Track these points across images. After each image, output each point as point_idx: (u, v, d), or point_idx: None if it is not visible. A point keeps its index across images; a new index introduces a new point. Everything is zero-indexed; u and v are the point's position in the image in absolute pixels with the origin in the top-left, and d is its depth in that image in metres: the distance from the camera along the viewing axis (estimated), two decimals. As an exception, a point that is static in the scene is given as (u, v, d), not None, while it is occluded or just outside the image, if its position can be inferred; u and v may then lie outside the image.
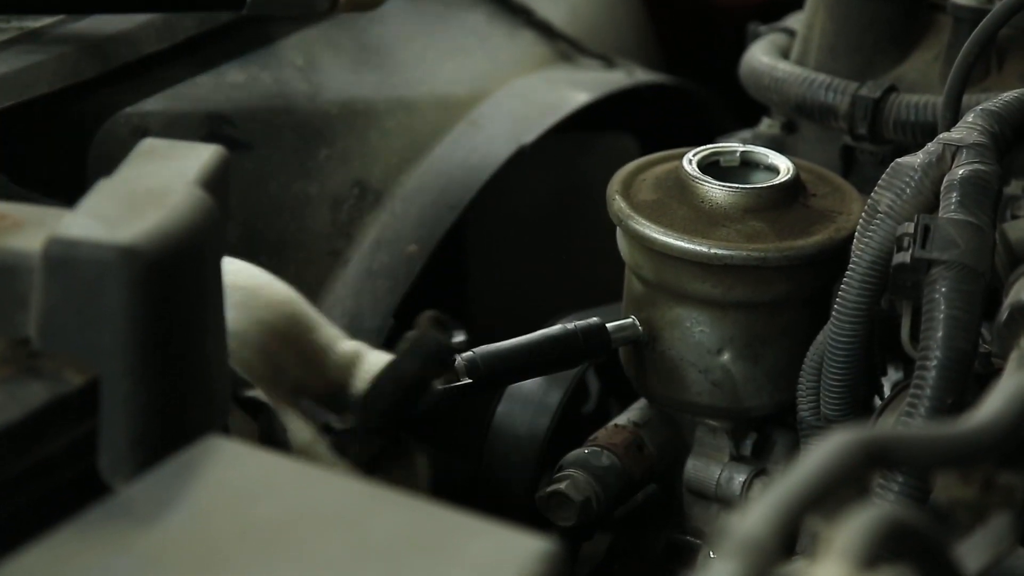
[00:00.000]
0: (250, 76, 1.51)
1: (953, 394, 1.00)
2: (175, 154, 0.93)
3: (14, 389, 0.82)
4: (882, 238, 1.11)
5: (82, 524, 0.77)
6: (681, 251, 1.22)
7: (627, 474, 1.28)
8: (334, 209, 1.51)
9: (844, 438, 0.73)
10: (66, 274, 0.83)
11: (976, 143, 1.10)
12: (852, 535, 0.69)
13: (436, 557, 0.75)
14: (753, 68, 1.50)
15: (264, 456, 0.84)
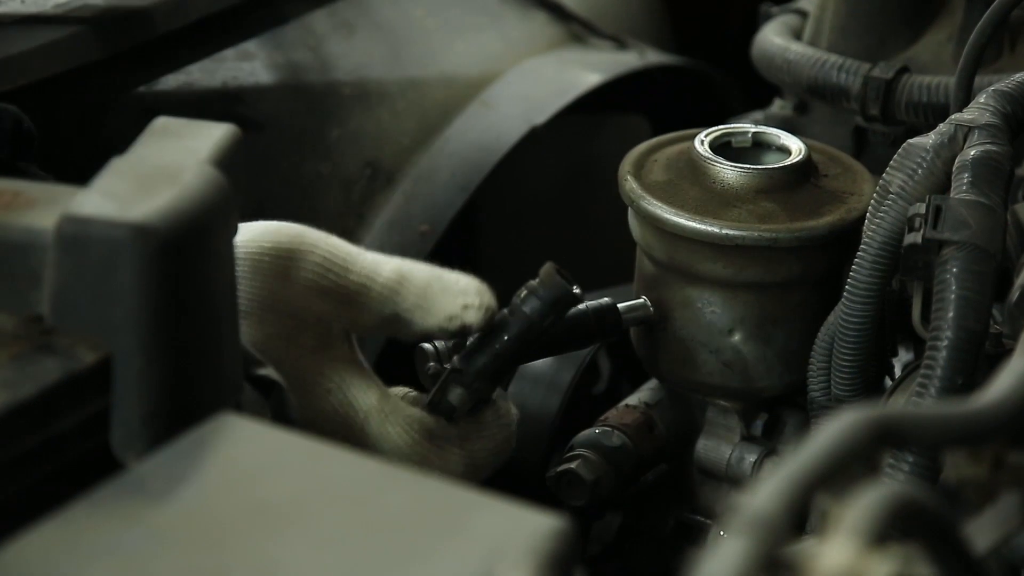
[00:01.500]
0: (263, 56, 1.51)
1: (964, 374, 1.00)
2: (188, 133, 0.93)
3: (27, 366, 0.83)
4: (893, 219, 1.11)
5: (94, 500, 0.77)
6: (692, 232, 1.22)
7: (638, 454, 1.28)
8: (346, 189, 1.52)
9: (854, 416, 0.73)
10: (79, 252, 0.83)
11: (988, 124, 1.10)
12: (861, 513, 0.69)
13: (446, 534, 0.75)
14: (765, 49, 1.50)
15: (275, 433, 0.84)
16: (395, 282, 1.05)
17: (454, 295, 1.05)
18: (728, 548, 0.67)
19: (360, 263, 1.05)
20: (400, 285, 1.05)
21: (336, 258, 1.05)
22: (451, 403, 1.10)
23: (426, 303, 1.05)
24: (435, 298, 1.05)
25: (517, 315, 1.12)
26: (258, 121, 1.47)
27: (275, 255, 1.04)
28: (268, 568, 0.74)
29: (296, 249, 1.04)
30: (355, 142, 1.53)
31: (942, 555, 0.73)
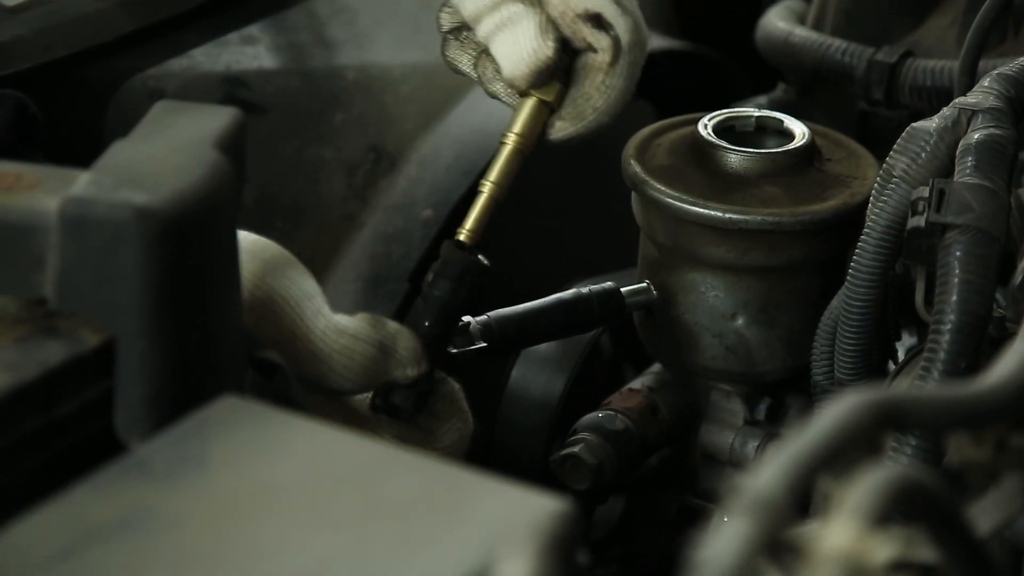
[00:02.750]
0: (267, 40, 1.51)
1: (967, 358, 1.00)
2: (191, 116, 0.93)
3: (31, 348, 0.83)
4: (897, 202, 1.11)
5: (97, 482, 0.77)
6: (696, 216, 1.22)
7: (641, 438, 1.28)
8: (349, 173, 1.51)
9: (857, 399, 0.73)
10: (82, 234, 0.83)
11: (992, 107, 1.10)
12: (863, 495, 0.69)
13: (449, 516, 0.76)
14: (769, 33, 1.50)
15: (278, 416, 0.84)
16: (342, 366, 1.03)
17: (394, 367, 1.05)
18: (730, 530, 0.67)
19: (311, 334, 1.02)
20: (346, 368, 1.03)
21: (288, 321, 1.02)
22: (395, 404, 1.09)
23: (366, 379, 1.04)
24: (376, 373, 1.04)
25: (430, 300, 1.12)
26: (261, 105, 1.47)
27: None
28: (271, 550, 0.74)
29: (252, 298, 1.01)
30: (359, 126, 1.53)
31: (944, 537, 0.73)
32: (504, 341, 1.21)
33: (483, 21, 1.12)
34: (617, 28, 1.11)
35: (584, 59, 1.13)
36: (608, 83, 1.13)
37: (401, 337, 1.05)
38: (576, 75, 1.14)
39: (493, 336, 1.20)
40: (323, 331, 1.02)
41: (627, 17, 1.12)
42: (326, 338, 1.02)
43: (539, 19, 1.10)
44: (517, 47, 1.11)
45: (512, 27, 1.11)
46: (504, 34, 1.11)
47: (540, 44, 1.10)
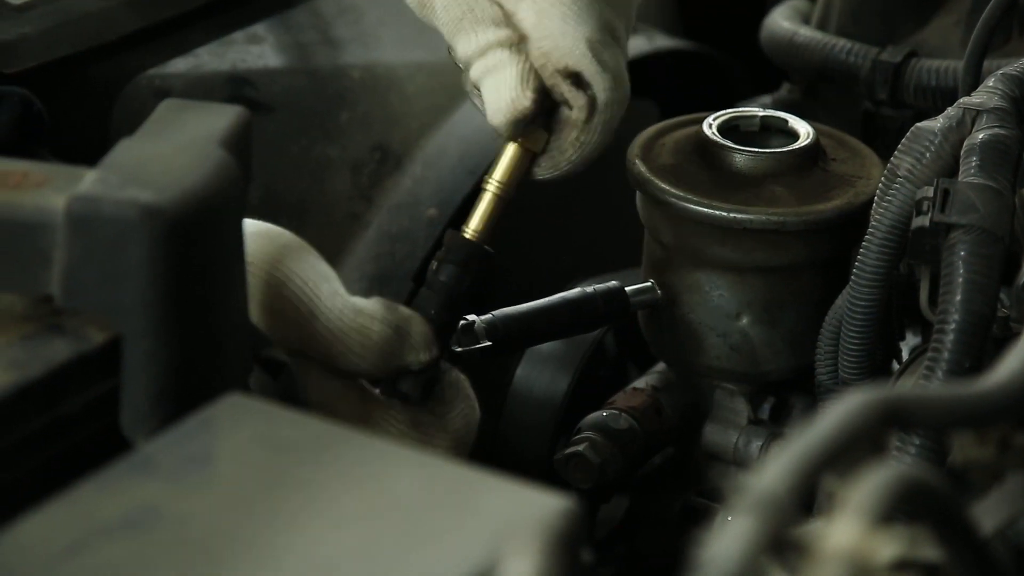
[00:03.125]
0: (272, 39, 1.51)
1: (971, 358, 1.00)
2: (197, 115, 0.93)
3: (37, 346, 0.83)
4: (901, 202, 1.11)
5: (103, 480, 0.77)
6: (700, 215, 1.22)
7: (645, 437, 1.29)
8: (355, 172, 1.52)
9: (861, 397, 0.73)
10: (88, 231, 0.83)
11: (996, 107, 1.10)
12: (867, 494, 0.69)
13: (454, 514, 0.76)
14: (773, 33, 1.50)
15: (284, 414, 0.84)
16: (358, 344, 1.03)
17: (407, 350, 1.05)
18: (734, 529, 0.67)
19: (325, 316, 1.02)
20: (363, 348, 1.03)
21: (303, 301, 1.02)
22: (403, 391, 1.09)
23: (381, 360, 1.04)
24: (390, 356, 1.04)
25: (436, 287, 1.12)
26: (267, 104, 1.48)
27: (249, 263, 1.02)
28: (276, 548, 0.74)
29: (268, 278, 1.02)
30: (364, 125, 1.53)
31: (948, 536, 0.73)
32: (508, 340, 1.21)
33: (473, 66, 1.12)
34: (595, 87, 1.11)
35: (561, 112, 1.13)
36: (582, 139, 1.14)
37: (414, 321, 1.05)
38: (555, 125, 1.14)
39: (498, 335, 1.20)
40: (340, 310, 1.02)
41: (606, 75, 1.12)
42: (344, 317, 1.02)
43: (521, 67, 1.10)
44: (498, 96, 1.11)
45: (495, 74, 1.11)
46: (488, 81, 1.12)
47: (519, 95, 1.10)
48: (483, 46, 1.11)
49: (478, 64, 1.12)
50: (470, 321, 1.19)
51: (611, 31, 1.13)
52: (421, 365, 1.05)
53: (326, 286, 1.02)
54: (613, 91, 1.12)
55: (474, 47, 1.11)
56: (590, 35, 1.11)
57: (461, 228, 1.15)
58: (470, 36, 1.11)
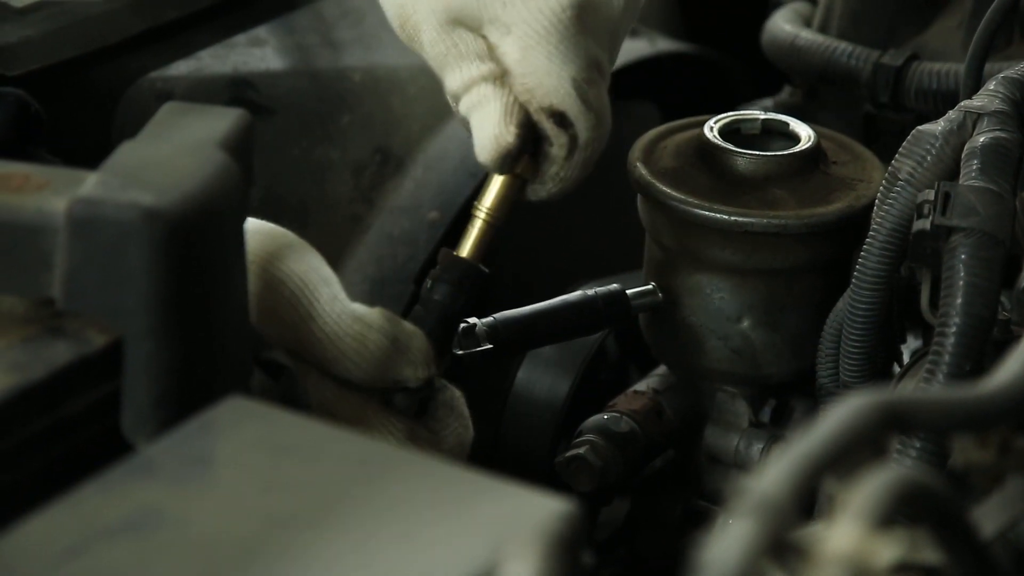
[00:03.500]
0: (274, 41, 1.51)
1: (971, 361, 1.00)
2: (198, 118, 0.93)
3: (38, 348, 0.83)
4: (902, 205, 1.11)
5: (104, 482, 0.77)
6: (701, 218, 1.22)
7: (646, 440, 1.29)
8: (356, 175, 1.52)
9: (862, 400, 0.73)
10: (89, 234, 0.83)
11: (997, 110, 1.10)
12: (868, 497, 0.69)
13: (455, 517, 0.76)
14: (775, 36, 1.50)
15: (284, 417, 0.84)
16: (354, 351, 1.03)
17: (404, 364, 1.04)
18: (735, 531, 0.67)
19: (322, 319, 1.02)
20: (359, 355, 1.03)
21: (302, 303, 1.02)
22: (397, 407, 1.08)
23: (376, 370, 1.04)
24: (388, 368, 1.04)
25: (430, 305, 1.12)
26: (268, 107, 1.48)
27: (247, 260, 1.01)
28: (277, 550, 0.74)
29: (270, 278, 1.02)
30: (365, 128, 1.53)
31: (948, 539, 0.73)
32: (510, 343, 1.21)
33: (461, 100, 1.13)
34: (578, 126, 1.12)
35: (543, 145, 1.13)
36: (562, 175, 1.14)
37: (416, 337, 1.05)
38: (538, 154, 1.14)
39: (499, 338, 1.20)
40: (339, 315, 1.02)
41: (590, 115, 1.12)
42: (341, 322, 1.02)
43: (505, 102, 1.10)
44: (483, 131, 1.11)
45: (481, 109, 1.11)
46: (475, 116, 1.12)
47: (502, 131, 1.10)
48: (468, 81, 1.11)
49: (465, 99, 1.12)
50: (471, 324, 1.19)
51: (597, 66, 1.13)
52: (419, 382, 1.05)
53: (326, 289, 1.02)
54: (595, 130, 1.13)
55: (460, 82, 1.12)
56: (575, 74, 1.11)
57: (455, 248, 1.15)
58: (456, 71, 1.11)
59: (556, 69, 1.10)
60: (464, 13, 1.10)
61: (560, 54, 1.10)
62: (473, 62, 1.10)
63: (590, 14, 1.11)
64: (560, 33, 1.09)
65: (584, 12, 1.11)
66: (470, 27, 1.10)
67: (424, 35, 1.12)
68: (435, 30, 1.11)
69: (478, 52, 1.10)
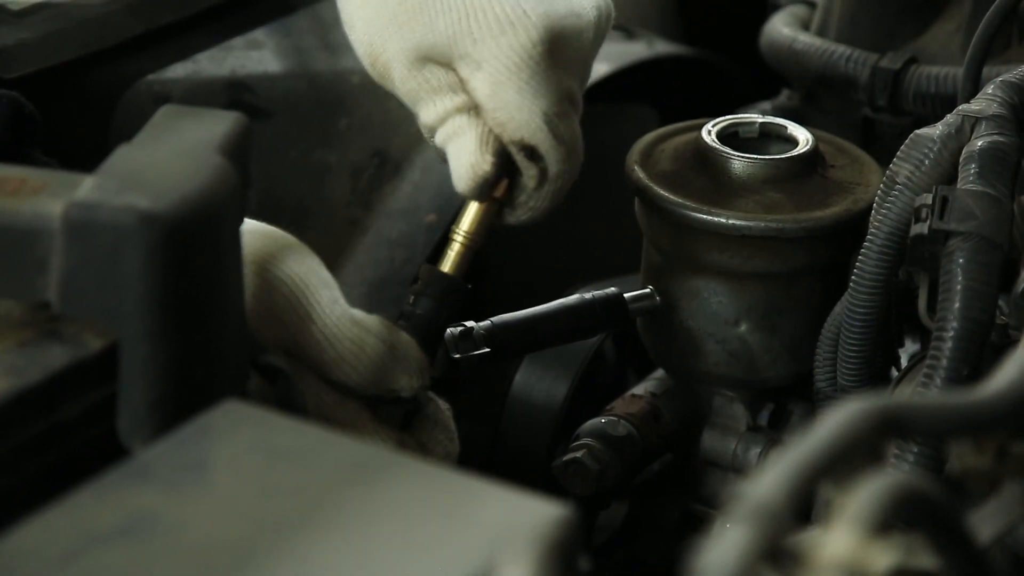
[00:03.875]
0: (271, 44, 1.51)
1: (969, 365, 1.00)
2: (196, 121, 0.93)
3: (34, 352, 0.83)
4: (900, 209, 1.11)
5: (100, 486, 0.77)
6: (699, 222, 1.22)
7: (644, 444, 1.28)
8: (354, 178, 1.52)
9: (859, 406, 0.73)
10: (86, 238, 0.83)
11: (996, 115, 1.10)
12: (864, 502, 0.69)
13: (451, 521, 0.76)
14: (773, 39, 1.50)
15: (281, 421, 0.84)
16: (352, 355, 1.03)
17: (401, 372, 1.04)
18: (731, 536, 0.67)
19: (321, 321, 1.02)
20: (356, 359, 1.03)
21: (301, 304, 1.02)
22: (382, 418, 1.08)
23: (372, 375, 1.04)
24: (384, 375, 1.04)
25: (413, 320, 1.12)
26: (266, 109, 1.48)
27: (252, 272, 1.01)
28: (273, 555, 0.74)
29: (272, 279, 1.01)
30: (363, 131, 1.53)
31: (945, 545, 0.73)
32: (508, 346, 1.21)
33: (436, 133, 1.14)
34: (548, 160, 1.13)
35: (515, 174, 1.14)
36: (531, 205, 1.16)
37: (412, 347, 1.05)
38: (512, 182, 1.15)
39: (497, 341, 1.20)
40: (338, 318, 1.02)
41: (560, 148, 1.13)
42: (340, 324, 1.02)
43: (480, 131, 1.11)
44: (460, 162, 1.13)
45: (457, 140, 1.13)
46: (451, 146, 1.13)
47: (478, 160, 1.11)
48: (443, 113, 1.12)
49: (441, 131, 1.13)
50: (469, 327, 1.19)
51: (569, 98, 1.14)
52: (411, 391, 1.05)
53: (326, 292, 1.02)
54: (565, 162, 1.14)
55: (435, 115, 1.13)
56: (547, 108, 1.12)
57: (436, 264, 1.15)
58: (429, 105, 1.12)
59: (527, 104, 1.11)
60: (435, 50, 1.11)
61: (531, 89, 1.11)
62: (446, 95, 1.12)
63: (561, 48, 1.12)
64: (531, 69, 1.10)
65: (555, 47, 1.12)
66: (440, 62, 1.11)
67: (395, 72, 1.13)
68: (406, 67, 1.12)
69: (450, 85, 1.12)
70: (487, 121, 1.12)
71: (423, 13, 1.11)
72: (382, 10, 1.12)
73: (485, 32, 1.10)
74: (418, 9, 1.11)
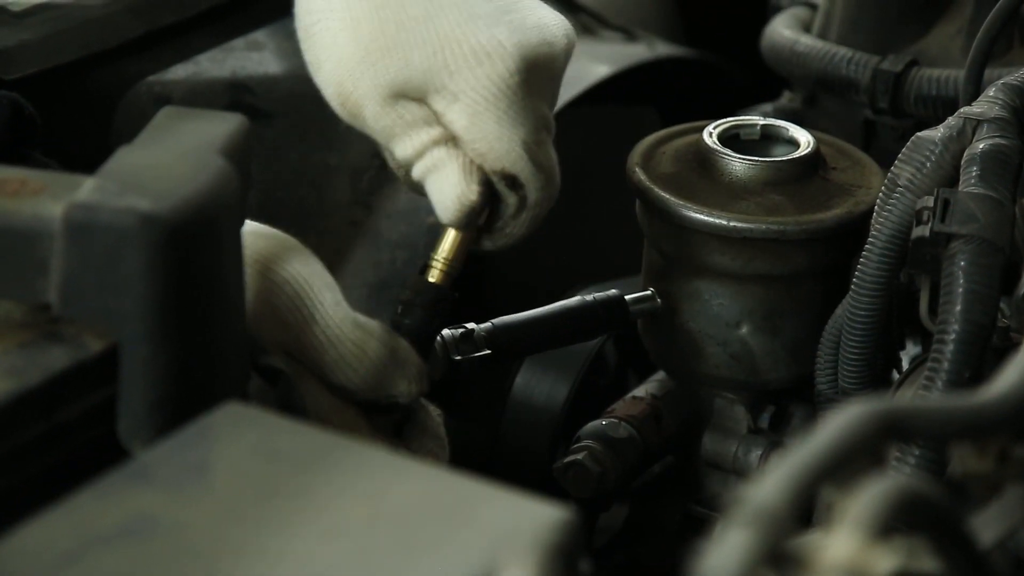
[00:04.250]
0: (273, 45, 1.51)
1: (971, 368, 1.00)
2: (197, 122, 0.93)
3: (35, 354, 0.83)
4: (901, 212, 1.11)
5: (100, 488, 0.77)
6: (700, 224, 1.22)
7: (645, 446, 1.28)
8: (354, 179, 1.51)
9: (860, 408, 0.73)
10: (86, 239, 0.83)
11: (997, 117, 1.10)
12: (866, 506, 0.69)
13: (452, 524, 0.76)
14: (774, 41, 1.50)
15: (282, 423, 0.84)
16: (355, 358, 1.03)
17: (400, 378, 1.04)
18: (733, 540, 0.67)
19: (323, 322, 1.02)
20: (359, 362, 1.03)
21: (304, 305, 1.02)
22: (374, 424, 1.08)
23: (373, 379, 1.04)
24: (385, 380, 1.04)
25: (403, 330, 1.12)
26: (267, 110, 1.47)
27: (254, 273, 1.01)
28: (274, 557, 0.74)
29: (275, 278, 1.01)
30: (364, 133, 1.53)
31: (947, 548, 0.73)
32: (508, 348, 1.21)
33: (414, 167, 1.13)
34: (527, 187, 1.13)
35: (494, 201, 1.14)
36: (508, 231, 1.15)
37: (412, 353, 1.05)
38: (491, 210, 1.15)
39: (497, 343, 1.20)
40: (341, 320, 1.02)
41: (540, 176, 1.13)
42: (343, 327, 1.02)
43: (462, 162, 1.11)
44: (443, 194, 1.11)
45: (438, 172, 1.11)
46: (432, 179, 1.12)
47: (464, 189, 1.11)
48: (420, 147, 1.11)
49: (418, 165, 1.12)
50: (469, 329, 1.18)
51: (544, 125, 1.13)
52: (409, 398, 1.05)
53: (329, 294, 1.02)
54: (544, 190, 1.14)
55: (412, 149, 1.12)
56: (525, 136, 1.11)
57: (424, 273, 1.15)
58: (405, 140, 1.12)
59: (507, 133, 1.10)
60: (408, 85, 1.11)
61: (509, 119, 1.10)
62: (422, 129, 1.11)
63: (535, 76, 1.12)
64: (508, 98, 1.10)
65: (530, 75, 1.11)
66: (413, 97, 1.11)
67: (367, 111, 1.12)
68: (379, 104, 1.11)
69: (425, 119, 1.11)
70: (466, 152, 1.11)
71: (397, 49, 1.10)
72: (352, 49, 1.11)
73: (461, 64, 1.10)
74: (392, 45, 1.10)
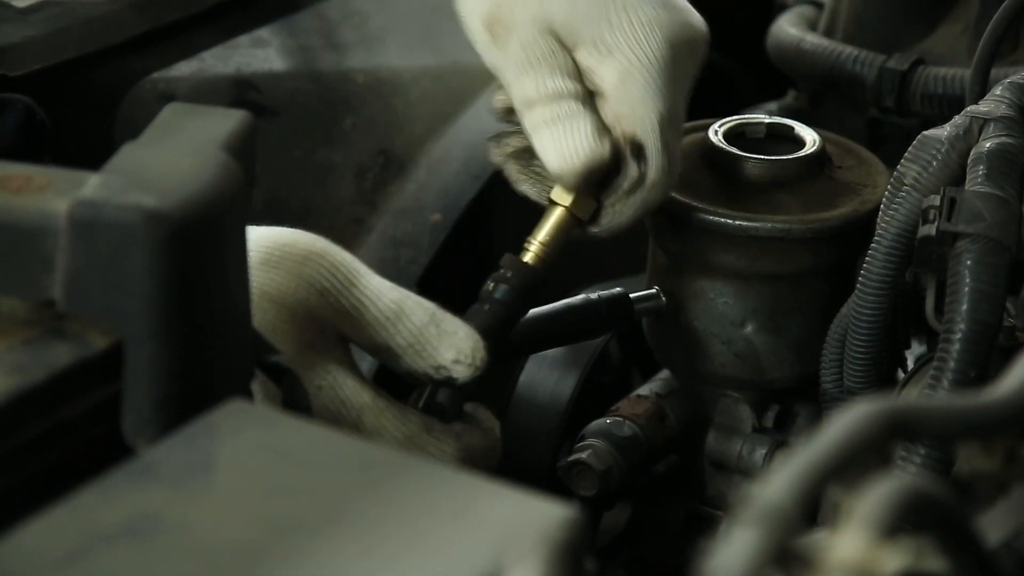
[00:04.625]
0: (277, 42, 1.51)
1: (977, 367, 1.00)
2: (201, 119, 0.93)
3: (39, 351, 0.83)
4: (908, 211, 1.10)
5: (104, 485, 0.77)
6: (705, 222, 1.22)
7: (649, 444, 1.28)
8: (359, 177, 1.51)
9: (867, 408, 0.73)
10: (91, 236, 0.83)
11: (1004, 116, 1.09)
12: (873, 505, 0.69)
13: (457, 522, 0.75)
14: (780, 40, 1.49)
15: (286, 420, 0.84)
16: (393, 313, 1.03)
17: (448, 347, 1.04)
18: (739, 539, 0.67)
19: (363, 283, 1.03)
20: (397, 319, 1.03)
21: (342, 269, 1.03)
22: (440, 403, 1.08)
23: (419, 346, 1.03)
24: (428, 343, 1.03)
25: (492, 305, 1.11)
26: (271, 108, 1.47)
27: (286, 252, 1.03)
28: (278, 555, 0.74)
29: (308, 250, 1.03)
30: (368, 130, 1.53)
31: (954, 548, 0.73)
32: (512, 346, 1.21)
33: (535, 109, 1.11)
34: (651, 164, 1.12)
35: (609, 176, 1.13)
36: (618, 209, 1.15)
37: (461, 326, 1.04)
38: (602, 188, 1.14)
39: (501, 340, 1.20)
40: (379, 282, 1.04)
41: (664, 156, 1.12)
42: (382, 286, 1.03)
43: (595, 120, 1.10)
44: (571, 142, 1.10)
45: (565, 123, 1.10)
46: (557, 128, 1.10)
47: (597, 144, 1.10)
48: (553, 93, 1.10)
49: (542, 109, 1.10)
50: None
51: (679, 111, 1.14)
52: (464, 374, 1.04)
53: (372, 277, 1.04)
54: (664, 174, 1.13)
55: (543, 91, 1.10)
56: (663, 111, 1.11)
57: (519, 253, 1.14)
58: (541, 79, 1.10)
59: (649, 101, 1.10)
60: (566, 27, 1.10)
61: (655, 88, 1.10)
62: (564, 76, 1.10)
63: (681, 60, 1.13)
64: (658, 67, 1.10)
65: (677, 56, 1.12)
66: (565, 43, 1.10)
67: (515, 35, 1.10)
68: (531, 34, 1.10)
69: (570, 71, 1.10)
70: (604, 111, 1.10)
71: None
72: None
73: (624, 21, 1.10)
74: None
